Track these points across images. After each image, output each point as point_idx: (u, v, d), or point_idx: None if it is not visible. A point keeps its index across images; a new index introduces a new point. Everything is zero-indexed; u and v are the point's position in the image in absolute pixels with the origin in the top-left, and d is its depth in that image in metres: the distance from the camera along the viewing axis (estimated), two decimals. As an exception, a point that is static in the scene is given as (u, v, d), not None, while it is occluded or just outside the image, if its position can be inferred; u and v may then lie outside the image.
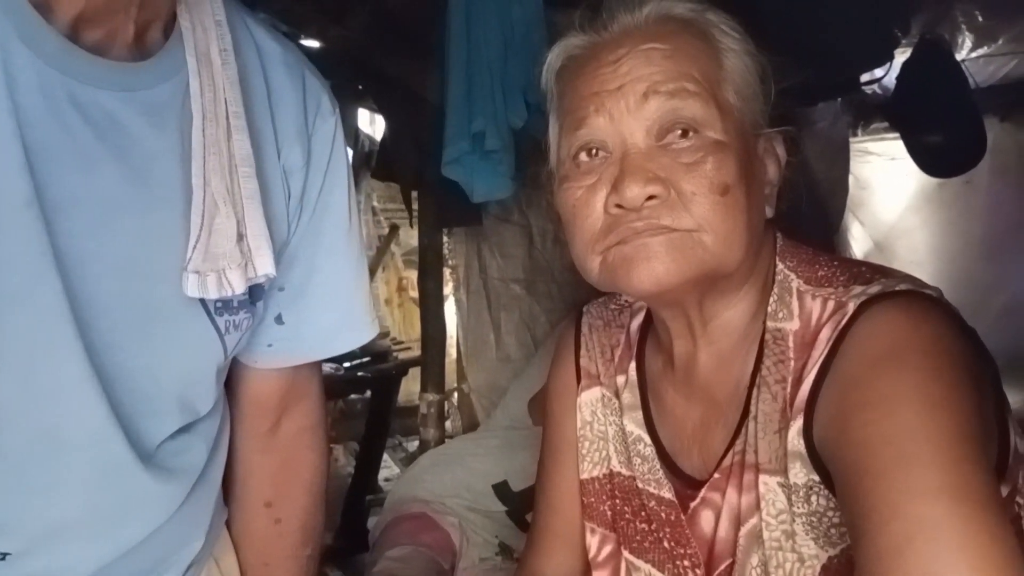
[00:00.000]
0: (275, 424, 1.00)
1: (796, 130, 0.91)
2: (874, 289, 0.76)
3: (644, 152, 0.78)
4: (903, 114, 2.67)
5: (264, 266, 0.79)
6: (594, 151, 0.81)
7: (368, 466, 3.40)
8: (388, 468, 3.89)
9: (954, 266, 3.51)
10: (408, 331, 5.15)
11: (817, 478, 0.74)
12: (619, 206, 0.77)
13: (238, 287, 0.77)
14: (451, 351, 3.17)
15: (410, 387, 3.64)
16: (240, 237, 0.77)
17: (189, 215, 0.75)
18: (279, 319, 0.91)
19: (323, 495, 1.06)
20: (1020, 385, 3.23)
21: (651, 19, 0.82)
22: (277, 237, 0.84)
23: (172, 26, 0.77)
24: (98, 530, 0.78)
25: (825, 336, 0.76)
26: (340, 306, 0.95)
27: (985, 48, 3.07)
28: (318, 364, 1.02)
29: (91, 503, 0.77)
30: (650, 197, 0.76)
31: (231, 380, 0.95)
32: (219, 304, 0.80)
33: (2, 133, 0.64)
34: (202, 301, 0.78)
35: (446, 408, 2.84)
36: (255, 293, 0.84)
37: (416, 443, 3.16)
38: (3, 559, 0.73)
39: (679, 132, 0.78)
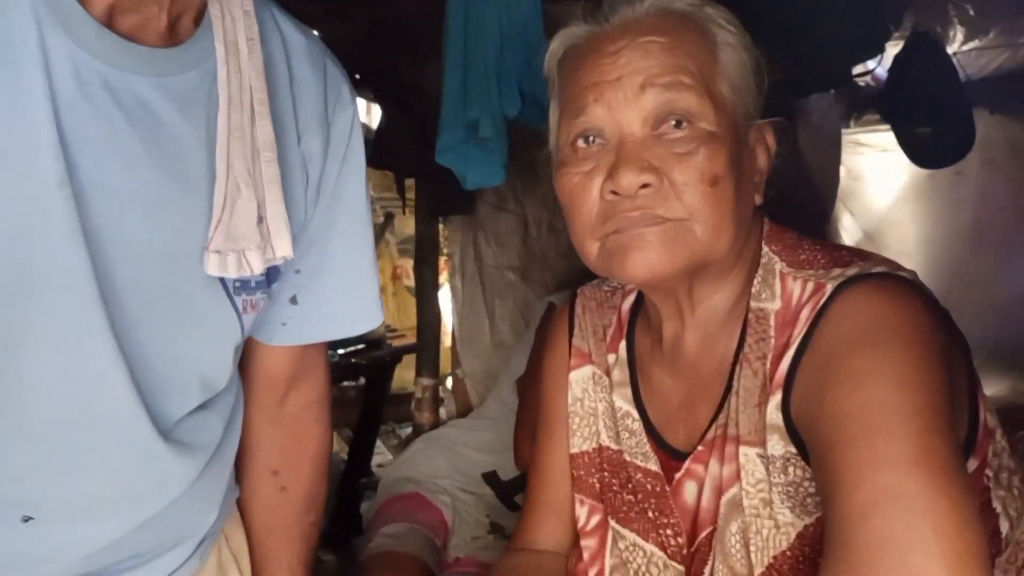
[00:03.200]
0: (283, 397, 1.03)
1: (787, 121, 0.93)
2: (852, 271, 0.79)
3: (640, 141, 0.80)
4: (894, 106, 2.70)
5: (282, 248, 0.81)
6: (592, 138, 0.83)
7: (362, 452, 3.41)
8: (381, 454, 3.90)
9: (943, 256, 3.55)
10: (402, 319, 5.16)
11: (794, 450, 0.77)
12: (614, 192, 0.80)
13: (257, 267, 0.79)
14: (445, 338, 3.19)
15: (403, 374, 3.65)
16: (260, 219, 0.79)
17: (212, 198, 0.76)
18: (294, 300, 0.94)
19: (327, 466, 1.09)
20: (1004, 373, 3.28)
21: (651, 13, 0.84)
22: (295, 220, 0.85)
23: (203, 15, 0.78)
24: (119, 502, 0.80)
25: (805, 316, 0.79)
26: (351, 290, 0.98)
27: (976, 41, 3.10)
28: (325, 344, 1.05)
29: (114, 477, 0.79)
30: (644, 185, 0.79)
31: (243, 356, 0.97)
32: (237, 284, 0.82)
33: (37, 115, 0.65)
34: (222, 282, 0.80)
35: (440, 393, 2.87)
36: (271, 274, 0.86)
37: (409, 430, 3.18)
38: (26, 522, 0.75)
39: (673, 122, 0.80)
